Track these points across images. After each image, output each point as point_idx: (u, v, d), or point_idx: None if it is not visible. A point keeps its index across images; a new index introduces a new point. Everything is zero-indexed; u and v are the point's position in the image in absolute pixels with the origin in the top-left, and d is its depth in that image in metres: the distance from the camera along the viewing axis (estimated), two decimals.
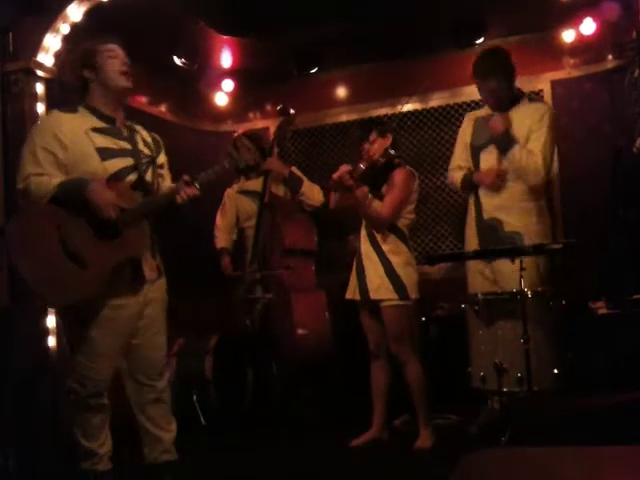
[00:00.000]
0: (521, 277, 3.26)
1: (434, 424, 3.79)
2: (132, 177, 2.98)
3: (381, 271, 3.73)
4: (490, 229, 3.78)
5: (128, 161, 2.99)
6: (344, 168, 3.70)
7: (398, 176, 3.76)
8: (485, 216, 3.83)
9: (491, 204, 3.81)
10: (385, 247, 3.76)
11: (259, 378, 4.39)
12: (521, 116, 3.76)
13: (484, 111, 3.98)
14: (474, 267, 3.86)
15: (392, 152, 3.72)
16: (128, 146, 3.02)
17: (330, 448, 3.82)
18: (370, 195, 3.76)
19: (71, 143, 2.93)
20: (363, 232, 3.86)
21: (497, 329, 3.34)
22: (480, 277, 3.80)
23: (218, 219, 4.82)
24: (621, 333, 3.67)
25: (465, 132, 4.01)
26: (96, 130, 2.98)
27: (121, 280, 2.89)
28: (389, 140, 3.81)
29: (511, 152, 3.69)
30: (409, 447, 3.66)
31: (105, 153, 2.95)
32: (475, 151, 3.90)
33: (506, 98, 3.79)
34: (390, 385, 3.85)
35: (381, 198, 3.77)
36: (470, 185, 3.92)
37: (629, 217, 4.01)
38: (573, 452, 1.84)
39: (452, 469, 1.69)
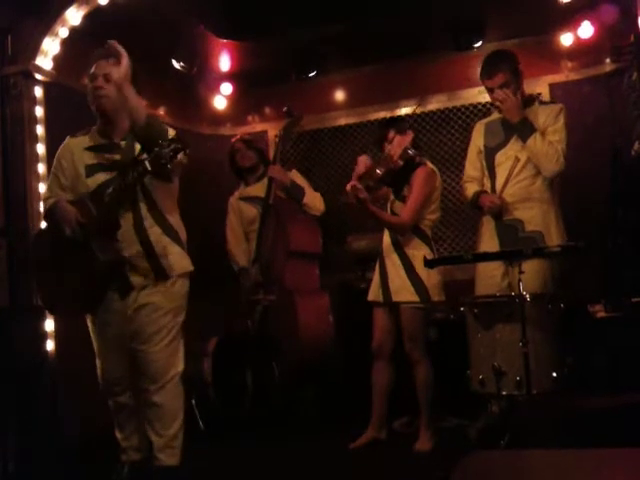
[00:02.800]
0: (519, 280, 3.26)
1: (434, 427, 3.79)
2: (110, 189, 2.99)
3: (402, 273, 3.74)
4: (510, 229, 3.74)
5: (110, 174, 3.01)
6: (363, 160, 3.67)
7: (417, 177, 3.74)
8: (504, 216, 3.78)
9: (510, 203, 3.76)
10: (407, 248, 3.77)
11: (259, 380, 4.38)
12: (534, 117, 3.74)
13: (493, 116, 3.97)
14: (484, 271, 3.82)
15: (411, 152, 3.61)
16: (117, 157, 3.05)
17: (330, 450, 3.83)
18: (392, 196, 3.76)
19: (69, 166, 3.10)
20: (386, 233, 3.87)
21: (496, 332, 3.33)
22: (490, 281, 3.77)
23: (228, 232, 4.79)
24: (620, 336, 3.66)
25: (477, 138, 3.97)
26: (90, 148, 3.09)
27: (108, 286, 3.01)
28: (409, 137, 3.75)
29: (532, 138, 3.65)
30: (408, 449, 3.66)
31: (91, 169, 3.05)
32: (490, 153, 3.86)
33: None
34: (391, 386, 3.86)
35: (403, 200, 3.77)
36: (476, 205, 3.89)
37: (628, 218, 4.01)
38: (572, 454, 1.84)
39: (451, 471, 1.69)
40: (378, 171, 3.63)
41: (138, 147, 3.05)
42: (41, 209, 3.92)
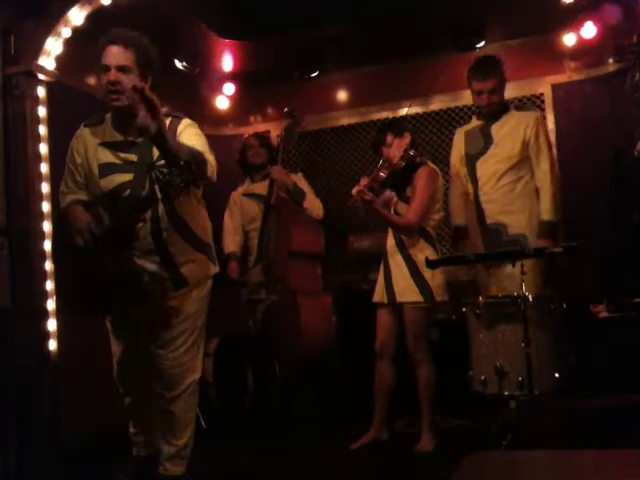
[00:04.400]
0: (522, 280, 3.26)
1: (435, 427, 3.79)
2: (127, 193, 2.82)
3: (406, 273, 3.75)
4: (494, 233, 3.79)
5: (127, 176, 2.83)
6: (364, 182, 3.68)
7: (420, 178, 3.76)
8: (488, 221, 3.84)
9: (493, 209, 3.82)
10: (411, 249, 3.78)
11: (260, 380, 4.38)
12: (514, 123, 3.86)
13: (473, 124, 4.07)
14: (485, 271, 3.87)
15: (412, 152, 3.65)
16: (134, 158, 2.85)
17: (330, 450, 3.83)
18: (396, 198, 3.77)
19: (83, 162, 2.92)
20: (389, 234, 3.87)
21: (498, 332, 3.34)
22: (491, 280, 3.82)
23: (227, 220, 4.82)
24: (622, 336, 3.66)
25: (458, 145, 4.08)
26: (105, 144, 2.89)
27: (122, 293, 2.87)
28: (407, 139, 3.77)
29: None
30: (410, 449, 3.66)
31: (105, 169, 2.86)
32: (470, 160, 3.96)
33: (499, 105, 3.88)
34: (393, 386, 3.86)
35: (406, 200, 3.78)
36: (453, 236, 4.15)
37: (629, 219, 4.02)
38: (574, 455, 1.84)
39: (452, 472, 1.69)
40: (382, 174, 3.65)
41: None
42: (44, 209, 3.92)
